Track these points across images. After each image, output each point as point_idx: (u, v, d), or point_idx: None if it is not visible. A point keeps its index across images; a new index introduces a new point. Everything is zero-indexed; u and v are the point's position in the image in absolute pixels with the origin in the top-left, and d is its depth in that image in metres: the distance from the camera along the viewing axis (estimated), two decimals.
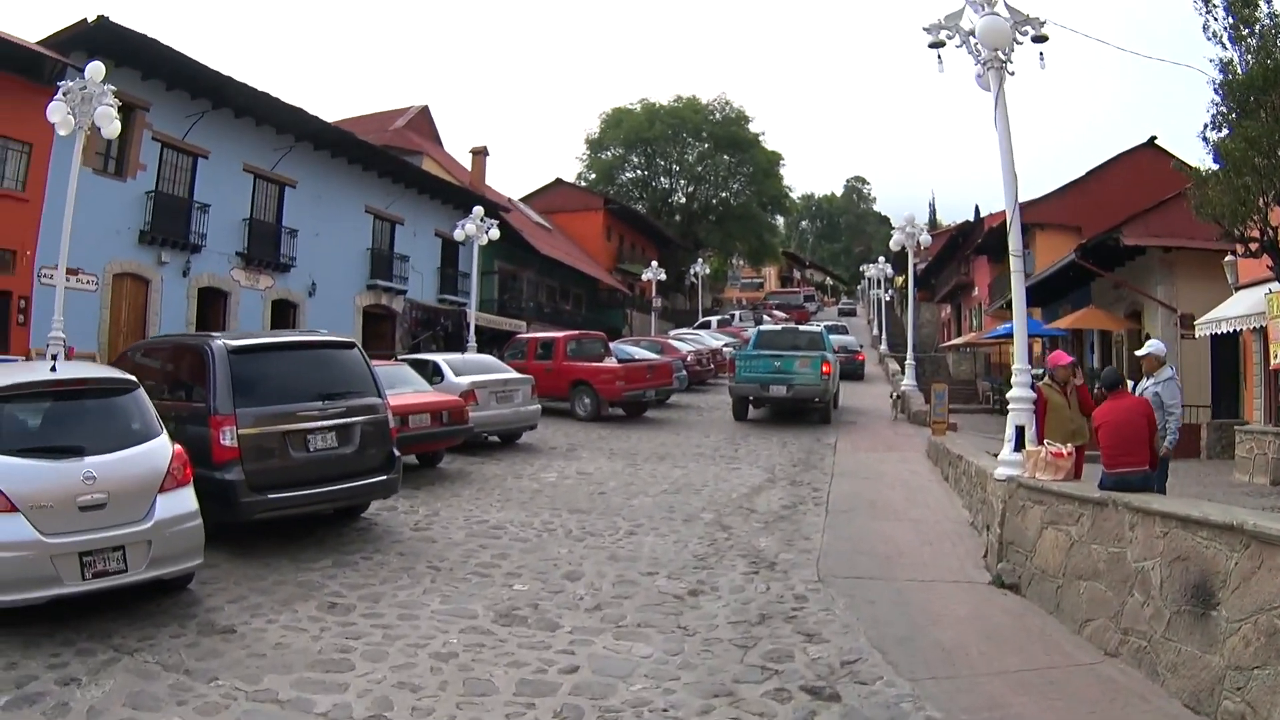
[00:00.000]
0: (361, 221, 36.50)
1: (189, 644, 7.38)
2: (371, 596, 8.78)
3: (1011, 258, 11.11)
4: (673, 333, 46.44)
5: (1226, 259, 20.62)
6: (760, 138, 79.57)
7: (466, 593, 9.01)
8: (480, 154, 49.32)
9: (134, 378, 9.13)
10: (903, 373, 33.20)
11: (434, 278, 41.12)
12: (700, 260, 71.90)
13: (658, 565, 10.10)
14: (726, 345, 40.24)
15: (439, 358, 20.06)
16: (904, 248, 33.19)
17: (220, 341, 10.51)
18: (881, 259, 61.66)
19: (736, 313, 69.99)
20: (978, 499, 12.16)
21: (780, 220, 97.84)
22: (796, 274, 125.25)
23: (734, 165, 78.74)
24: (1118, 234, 25.53)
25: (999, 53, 10.55)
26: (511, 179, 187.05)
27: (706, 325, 56.11)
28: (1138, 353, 11.46)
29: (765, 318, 61.71)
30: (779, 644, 7.63)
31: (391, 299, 37.99)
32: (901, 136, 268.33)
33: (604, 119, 78.47)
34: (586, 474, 16.27)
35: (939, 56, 10.87)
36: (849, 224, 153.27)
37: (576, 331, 29.31)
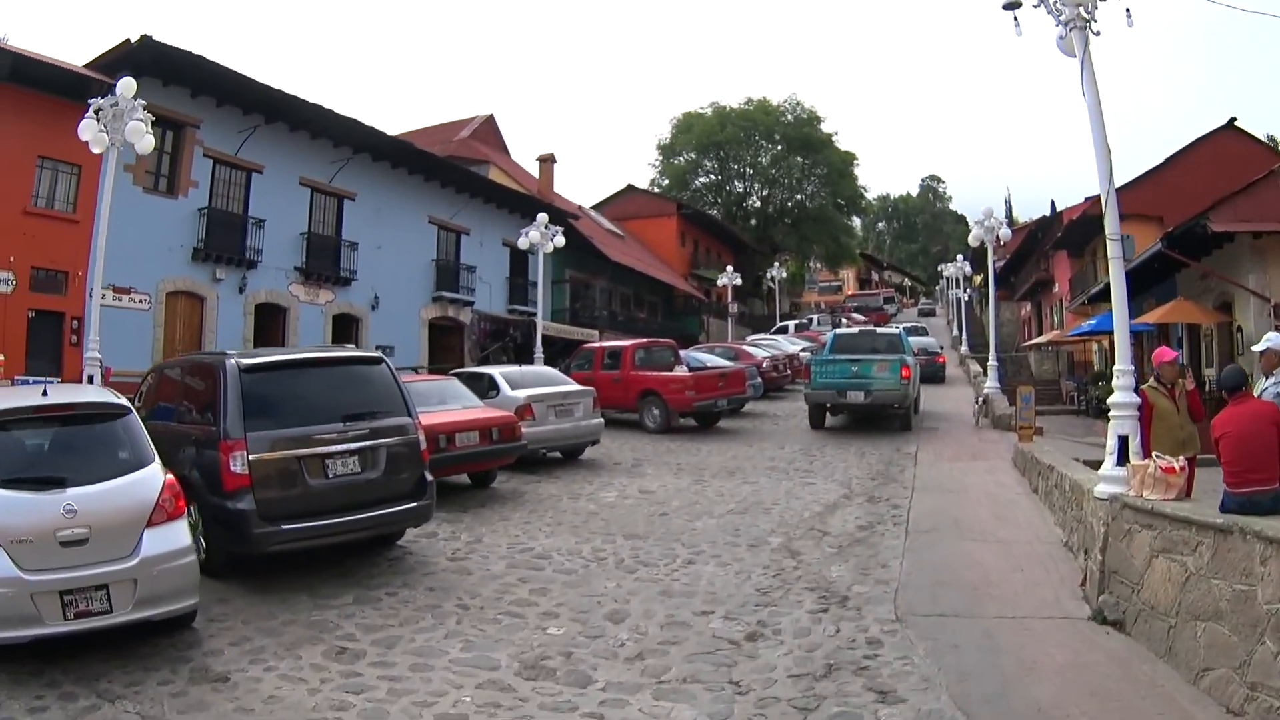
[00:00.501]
0: (425, 233, 35.77)
1: (176, 692, 6.76)
2: (386, 641, 7.86)
3: (1108, 242, 9.84)
4: (749, 338, 45.03)
5: None
6: (833, 138, 77.92)
7: (493, 637, 8.02)
8: (547, 161, 48.47)
9: (125, 401, 8.38)
10: (985, 375, 31.61)
11: (503, 288, 40.28)
12: (777, 264, 70.34)
13: (714, 602, 8.98)
14: (803, 350, 38.76)
15: (495, 370, 19.14)
16: (983, 243, 31.46)
17: (233, 360, 9.68)
18: (960, 257, 59.82)
19: (814, 317, 68.33)
20: (1072, 516, 10.85)
21: (857, 221, 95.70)
22: (874, 276, 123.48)
23: (808, 167, 77.00)
24: (1205, 220, 23.65)
25: (1082, 9, 9.26)
26: (583, 188, 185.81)
27: (784, 330, 54.82)
28: (1255, 347, 9.87)
29: (843, 321, 60.26)
30: (847, 704, 6.51)
31: (459, 311, 37.13)
32: (975, 133, 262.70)
33: (675, 124, 77.41)
34: (649, 492, 15.11)
35: (1015, 19, 9.76)
36: (925, 224, 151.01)
37: (645, 339, 28.16)
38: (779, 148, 76.18)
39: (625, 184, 69.10)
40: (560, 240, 31.58)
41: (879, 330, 27.17)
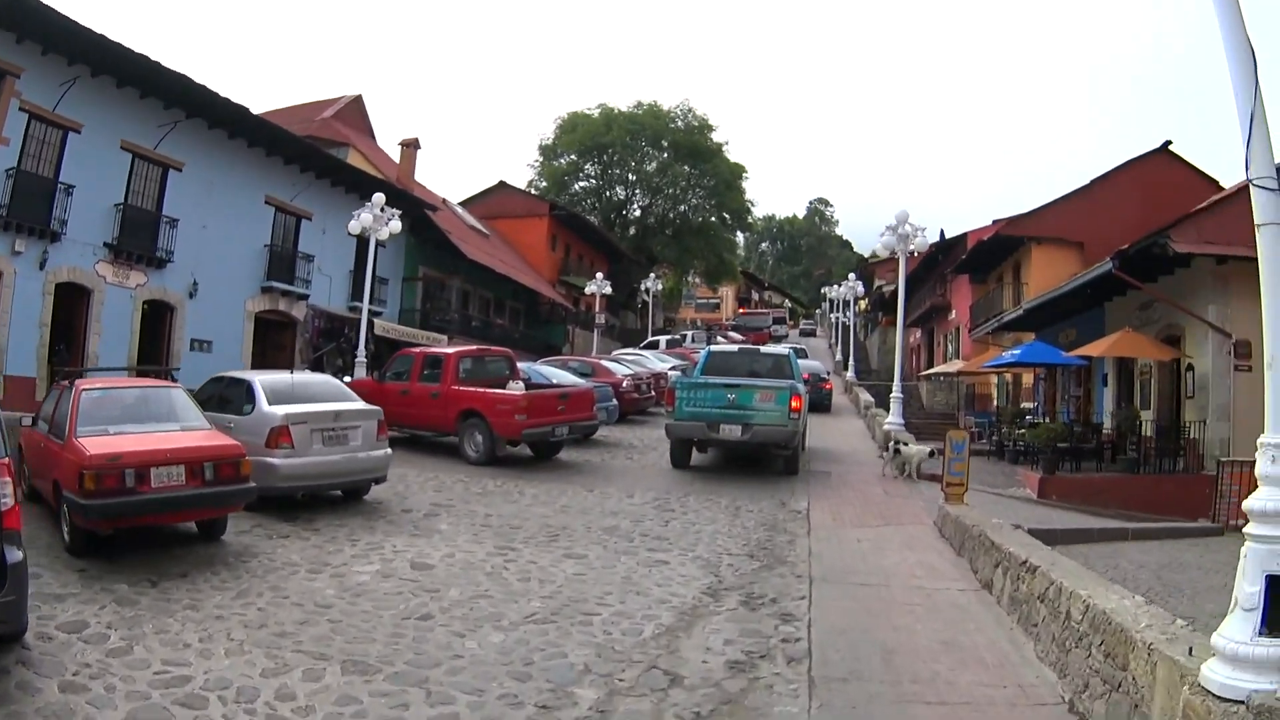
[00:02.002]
0: (260, 214, 32.10)
1: None
2: None
3: (1253, 190, 5.93)
4: (615, 353, 41.77)
5: None
6: (724, 148, 75.57)
7: None
8: (411, 146, 44.50)
9: None
10: (882, 408, 28.83)
11: (345, 282, 36.46)
12: (653, 275, 67.27)
13: None
14: (672, 368, 35.26)
15: (257, 378, 14.92)
16: (894, 252, 27.47)
17: None
18: (852, 275, 58.16)
19: (689, 333, 65.33)
20: (1089, 665, 6.74)
21: (741, 237, 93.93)
22: (754, 295, 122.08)
23: (695, 177, 74.24)
24: (1165, 239, 21.20)
25: None
26: (458, 184, 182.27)
27: (653, 345, 51.40)
28: None
29: (719, 339, 58.20)
30: None
31: (292, 304, 33.32)
32: (865, 160, 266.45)
33: (559, 123, 74.34)
34: (425, 568, 10.90)
35: None
36: (810, 247, 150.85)
37: (475, 347, 24.44)
38: (666, 155, 73.36)
39: (498, 180, 65.46)
40: (396, 225, 28.18)
41: (763, 350, 22.75)
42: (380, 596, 9.73)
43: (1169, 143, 36.60)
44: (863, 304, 65.14)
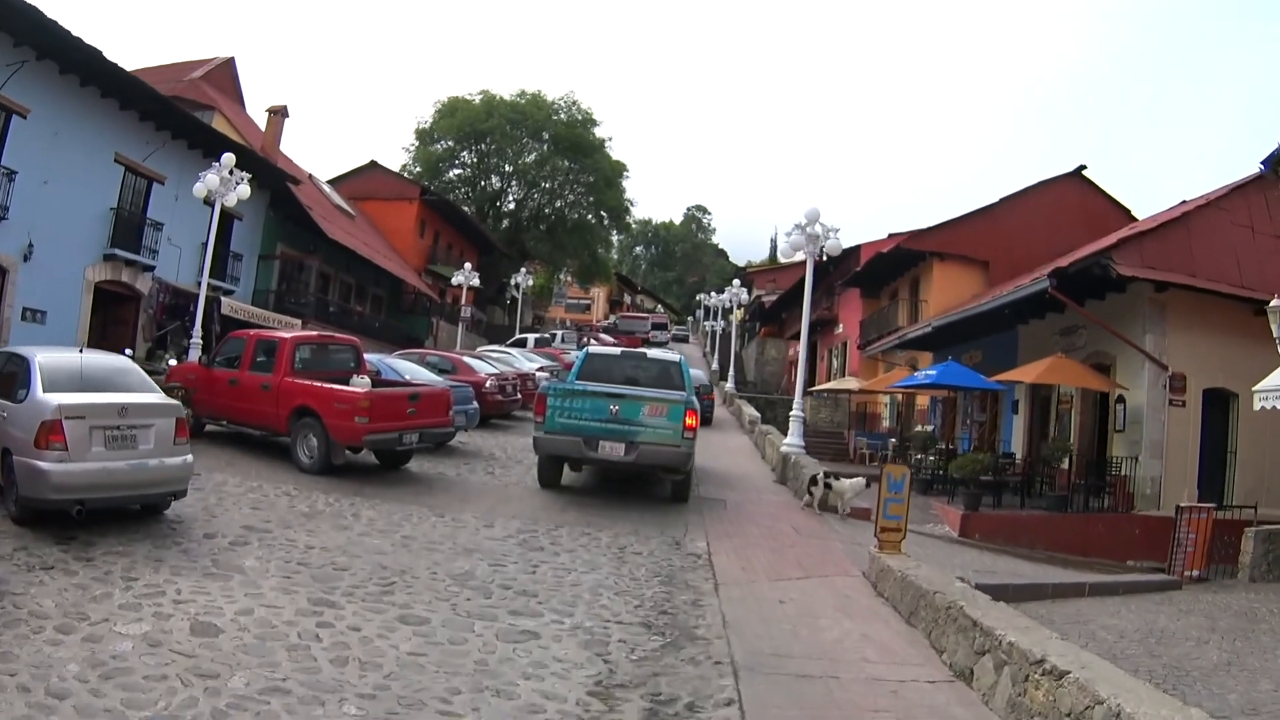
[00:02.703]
0: (108, 173, 29.44)
1: None
2: None
3: None
4: (480, 349, 39.72)
5: (1273, 304, 16.13)
6: (606, 144, 74.52)
7: None
8: (278, 114, 42.16)
9: None
10: (772, 425, 27.95)
11: (196, 256, 33.01)
12: (524, 270, 65.62)
13: None
14: (541, 369, 34.04)
15: (39, 355, 12.22)
16: (801, 253, 24.24)
17: None
18: (736, 281, 57.36)
19: (559, 333, 63.74)
20: None
21: (617, 238, 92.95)
22: (627, 298, 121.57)
23: (574, 172, 73.08)
24: (1108, 259, 20.51)
25: None
26: (330, 163, 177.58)
27: (521, 344, 49.24)
28: None
29: (591, 340, 57.00)
30: None
31: (137, 276, 30.87)
32: (746, 169, 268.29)
33: (438, 107, 72.54)
34: (211, 632, 8.18)
35: None
36: (685, 253, 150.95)
37: (315, 334, 21.69)
38: (546, 147, 71.77)
39: (369, 160, 63.03)
40: (246, 191, 26.00)
41: (651, 354, 20.14)
42: (137, 683, 6.92)
43: (1083, 167, 36.74)
44: (738, 314, 64.32)
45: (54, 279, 27.25)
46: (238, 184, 25.84)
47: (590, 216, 75.87)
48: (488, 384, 27.10)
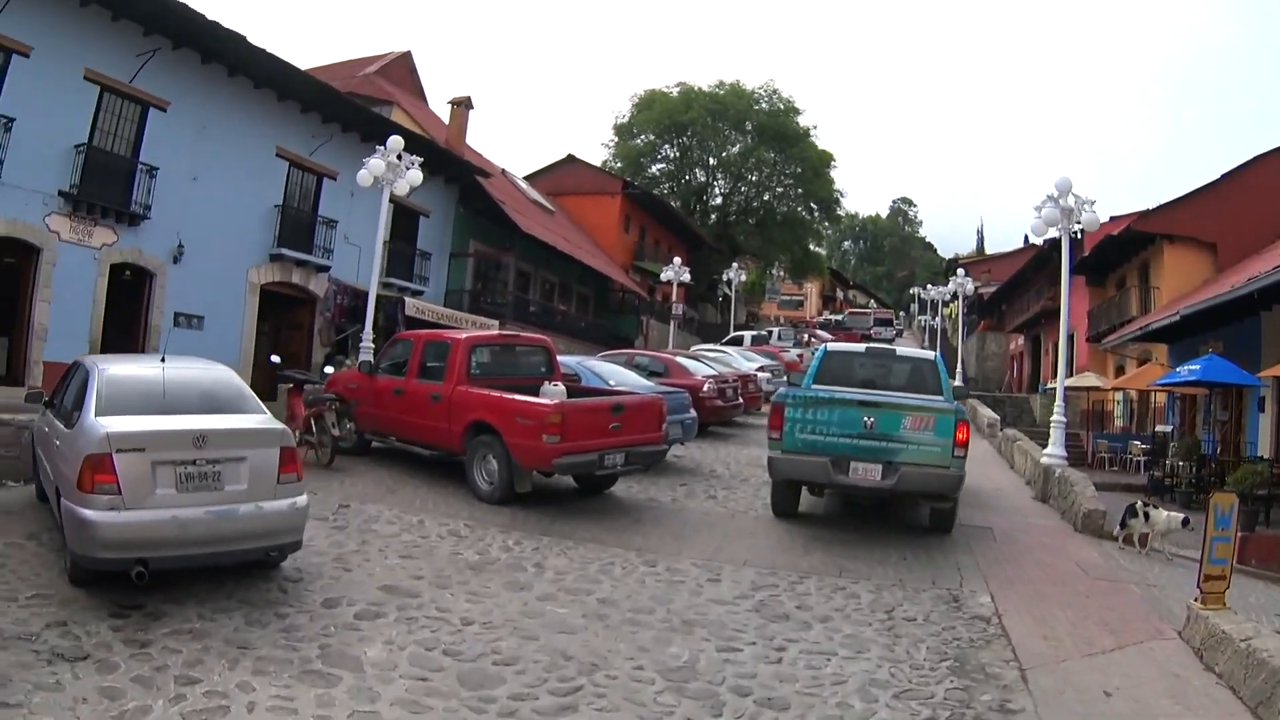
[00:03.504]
0: (270, 169, 25.92)
1: None
2: None
3: None
4: (694, 348, 34.45)
5: None
6: (810, 133, 67.95)
7: None
8: (462, 105, 37.44)
9: None
10: (1014, 428, 22.14)
11: (380, 255, 30.18)
12: (735, 266, 59.66)
13: None
14: (761, 369, 28.90)
15: (100, 367, 8.87)
16: (1054, 229, 18.84)
17: None
18: (961, 271, 50.64)
19: (775, 330, 57.50)
20: None
21: (827, 229, 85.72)
22: (839, 294, 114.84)
23: (780, 163, 66.89)
24: None
25: None
26: (524, 161, 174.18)
27: (737, 342, 43.44)
28: None
29: (809, 338, 50.94)
30: None
31: (309, 277, 27.14)
32: (947, 161, 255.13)
33: (635, 101, 67.37)
34: None
35: None
36: (894, 247, 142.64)
37: (496, 333, 17.85)
38: (749, 139, 66.02)
39: (566, 154, 57.49)
40: (416, 177, 21.42)
41: (901, 352, 15.20)
42: None
43: None
44: (952, 308, 58.13)
45: (211, 282, 24.01)
46: (408, 169, 21.33)
47: (800, 209, 69.49)
48: (705, 387, 21.80)
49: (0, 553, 8.67)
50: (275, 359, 17.74)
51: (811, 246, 74.80)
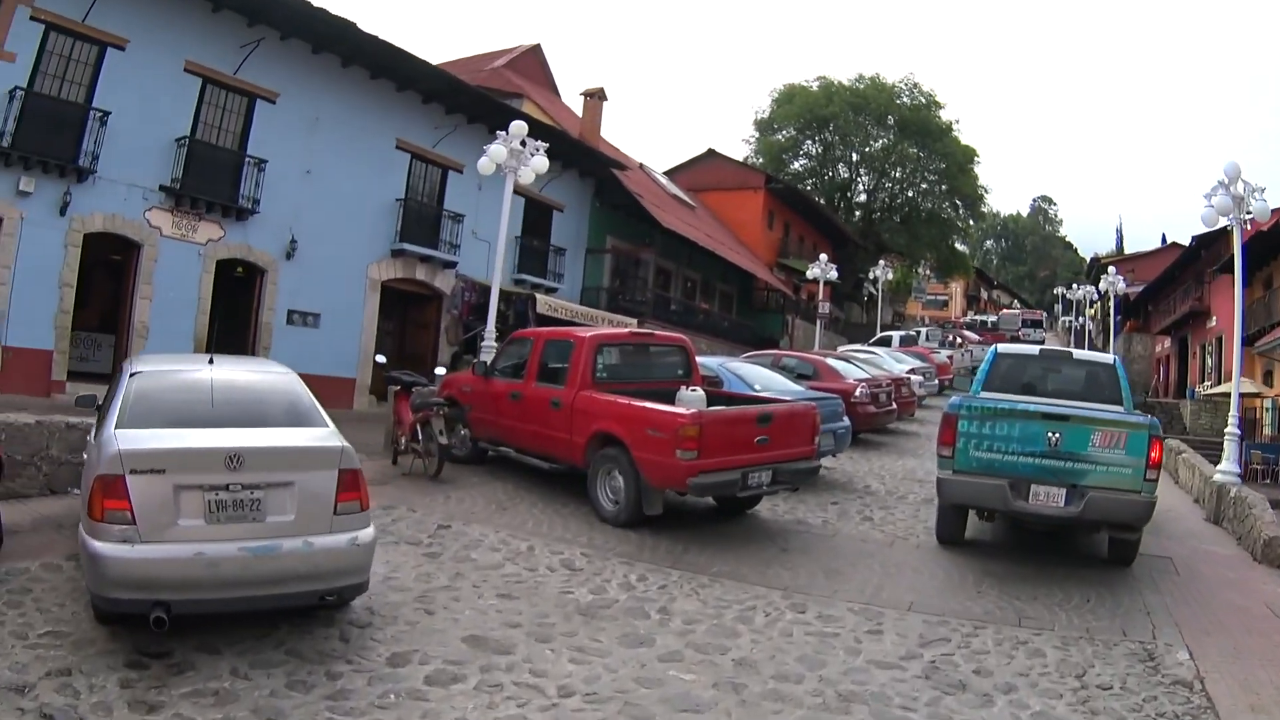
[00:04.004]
0: (391, 161, 23.86)
1: None
2: None
3: None
4: (841, 349, 31.20)
5: None
6: (953, 127, 63.47)
7: None
8: (595, 97, 34.54)
9: None
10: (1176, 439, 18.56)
11: (510, 251, 26.90)
12: (883, 264, 55.09)
13: None
14: (912, 371, 25.74)
15: (142, 364, 7.56)
16: (1226, 218, 16.19)
17: None
18: (1112, 270, 46.17)
19: (923, 330, 53.42)
20: None
21: (974, 226, 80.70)
22: (983, 294, 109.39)
23: (923, 159, 62.67)
24: None
25: None
26: (662, 157, 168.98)
27: (885, 342, 39.35)
28: None
29: (958, 339, 47.02)
30: None
31: (435, 273, 24.85)
32: (1082, 158, 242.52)
33: (775, 96, 63.74)
34: None
35: None
36: (1035, 246, 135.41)
37: (621, 330, 15.70)
38: (891, 134, 62.01)
39: (706, 148, 53.90)
40: (542, 163, 18.74)
41: (1079, 355, 12.82)
42: None
43: None
44: (1094, 309, 54.69)
45: (328, 278, 22.23)
46: (532, 154, 18.68)
47: (945, 205, 65.00)
48: (858, 392, 18.67)
49: (31, 576, 7.21)
50: (380, 359, 15.38)
51: (957, 245, 70.24)
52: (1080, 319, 57.56)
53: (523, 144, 18.50)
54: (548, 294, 27.58)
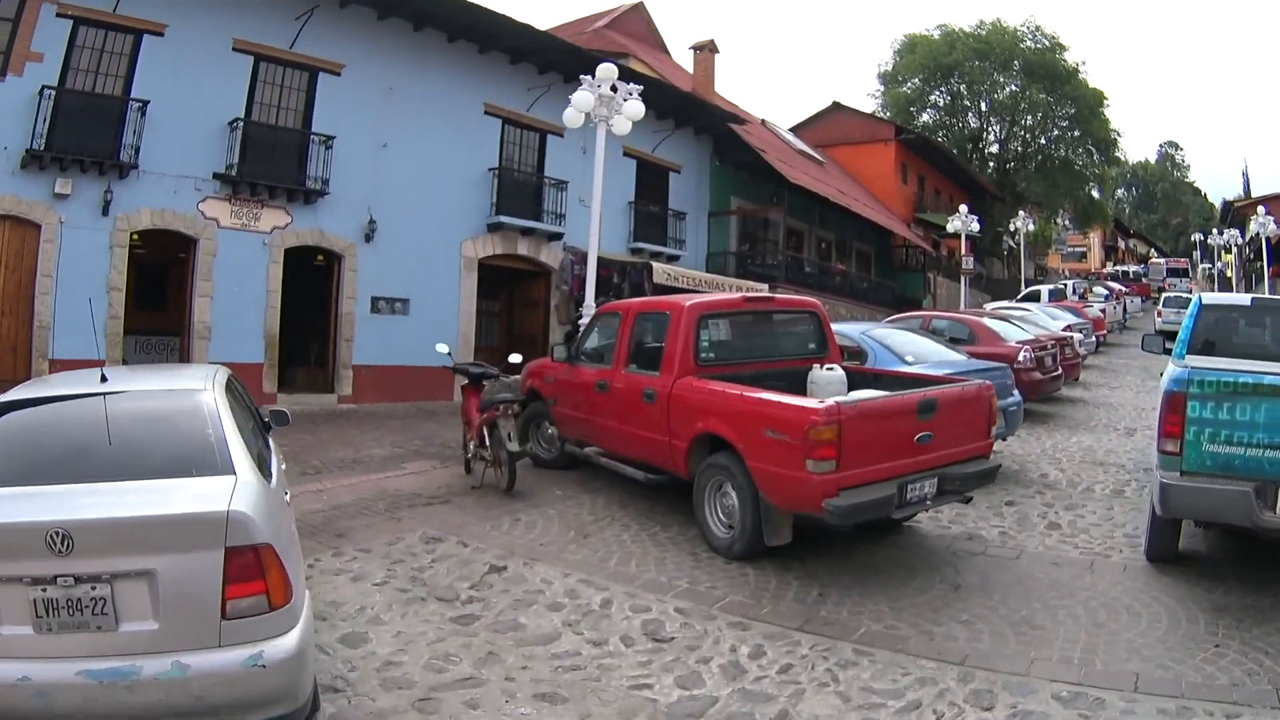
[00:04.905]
0: (479, 128, 20.07)
1: None
2: None
3: None
4: (988, 306, 26.80)
5: None
6: (1079, 70, 56.36)
7: None
8: (705, 50, 30.20)
9: None
10: None
11: (624, 217, 23.49)
12: (1023, 215, 49.57)
13: None
14: (1068, 329, 20.97)
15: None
16: None
17: None
18: (1262, 210, 39.91)
19: (1069, 283, 45.83)
20: None
21: (1110, 172, 73.22)
22: (1120, 243, 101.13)
23: (1051, 104, 55.88)
24: None
25: None
26: (784, 115, 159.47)
27: (1033, 298, 34.55)
28: None
29: (1099, 289, 41.61)
30: None
31: (540, 247, 21.05)
32: (1202, 101, 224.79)
33: (897, 47, 58.32)
34: None
35: None
36: (1164, 194, 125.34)
37: (732, 296, 12.00)
38: (1018, 80, 55.78)
39: (831, 102, 48.59)
40: (637, 109, 15.01)
41: None
42: None
43: None
44: (1228, 255, 48.96)
45: (415, 260, 18.82)
46: (624, 100, 14.97)
47: (1079, 152, 58.31)
48: (1021, 356, 14.39)
49: None
50: (443, 348, 11.53)
51: (1094, 193, 63.50)
52: (1218, 265, 51.00)
53: (613, 89, 14.76)
54: (669, 262, 23.59)
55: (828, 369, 8.46)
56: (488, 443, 9.90)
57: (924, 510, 7.76)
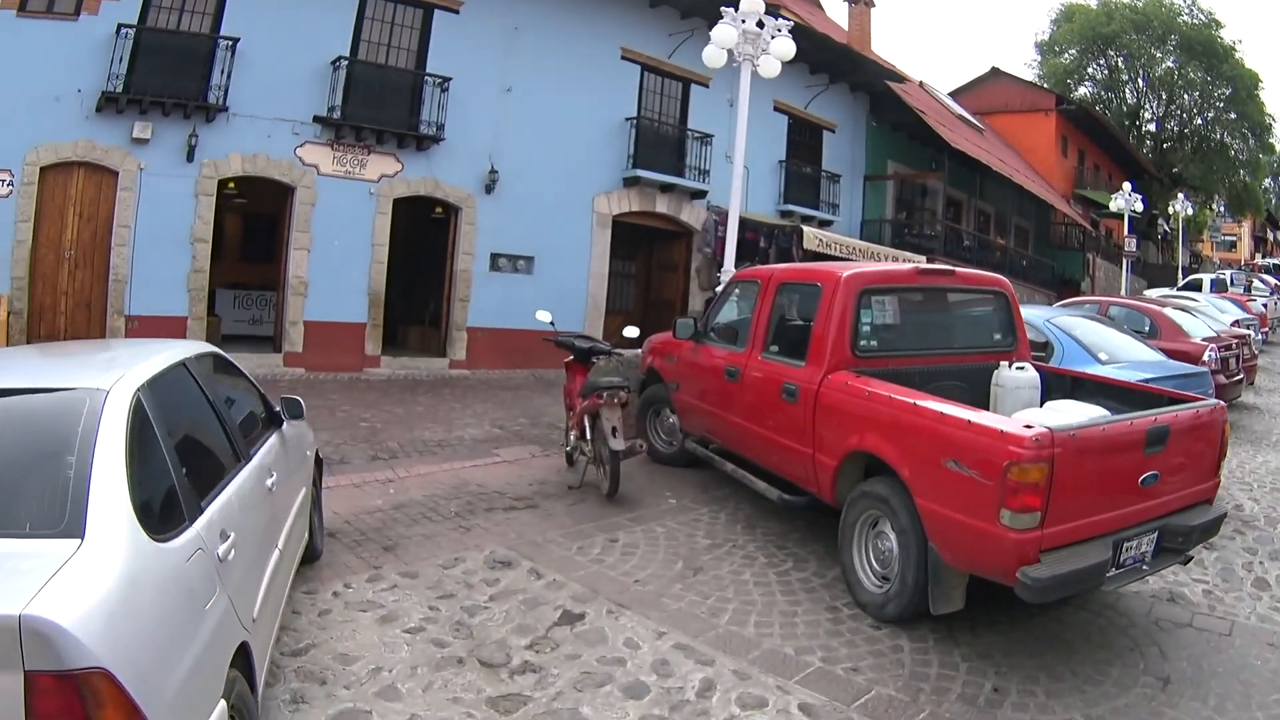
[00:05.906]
0: (616, 74, 17.14)
1: None
2: None
3: None
4: (1148, 293, 23.64)
5: None
6: (1236, 48, 50.03)
7: None
8: (861, 3, 26.31)
9: None
10: None
11: (773, 177, 20.17)
12: (1183, 198, 42.41)
13: None
14: (1237, 324, 16.93)
15: None
16: None
17: None
18: None
19: (1228, 273, 40.26)
20: None
21: (1264, 159, 66.02)
22: (1270, 235, 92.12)
23: (1209, 83, 50.20)
24: None
25: None
26: (941, 79, 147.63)
27: (1194, 286, 29.67)
28: None
29: (1258, 283, 36.33)
30: None
31: (681, 205, 17.90)
32: None
33: (1054, 15, 52.86)
34: None
35: None
36: None
37: (900, 267, 7.18)
38: (1174, 57, 50.12)
39: (990, 67, 43.24)
40: (787, 47, 11.83)
41: None
42: None
43: None
44: None
45: (541, 215, 16.27)
46: (772, 37, 11.86)
47: (1235, 135, 52.37)
48: (1206, 356, 11.55)
49: None
50: (544, 315, 8.68)
51: (1249, 180, 57.06)
52: None
53: (760, 25, 11.65)
54: (822, 227, 20.13)
55: (1018, 368, 5.83)
56: (588, 436, 7.26)
57: (1139, 579, 4.96)
